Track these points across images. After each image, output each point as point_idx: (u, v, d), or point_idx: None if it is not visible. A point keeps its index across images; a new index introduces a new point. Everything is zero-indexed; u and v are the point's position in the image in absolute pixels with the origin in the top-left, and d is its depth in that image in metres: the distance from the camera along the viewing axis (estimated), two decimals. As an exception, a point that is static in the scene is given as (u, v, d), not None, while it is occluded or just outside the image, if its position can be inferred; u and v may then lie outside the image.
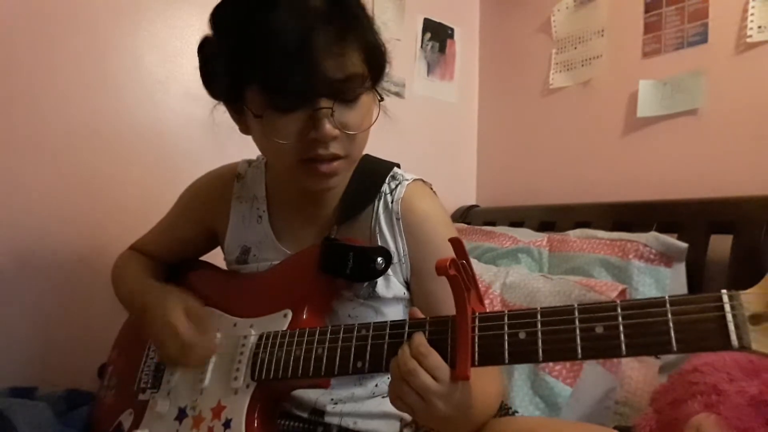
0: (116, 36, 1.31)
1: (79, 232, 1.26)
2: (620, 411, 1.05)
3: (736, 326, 0.44)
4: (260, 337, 0.71)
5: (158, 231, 0.97)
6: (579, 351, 0.50)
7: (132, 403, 0.80)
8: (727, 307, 0.44)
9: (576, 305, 0.51)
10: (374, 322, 0.62)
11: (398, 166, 0.84)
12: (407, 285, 0.79)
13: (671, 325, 0.46)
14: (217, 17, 0.70)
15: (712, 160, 1.33)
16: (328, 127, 0.65)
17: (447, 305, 0.60)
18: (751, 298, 0.44)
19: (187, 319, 0.73)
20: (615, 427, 0.97)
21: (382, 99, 0.73)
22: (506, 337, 0.54)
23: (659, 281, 1.16)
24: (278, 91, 0.65)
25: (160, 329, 0.74)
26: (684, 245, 1.16)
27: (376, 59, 0.70)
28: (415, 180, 0.81)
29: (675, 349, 0.46)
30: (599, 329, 0.49)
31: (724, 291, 0.45)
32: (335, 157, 0.69)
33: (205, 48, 0.72)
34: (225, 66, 0.68)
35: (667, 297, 0.47)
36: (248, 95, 0.67)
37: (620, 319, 0.49)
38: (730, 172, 1.29)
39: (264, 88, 0.65)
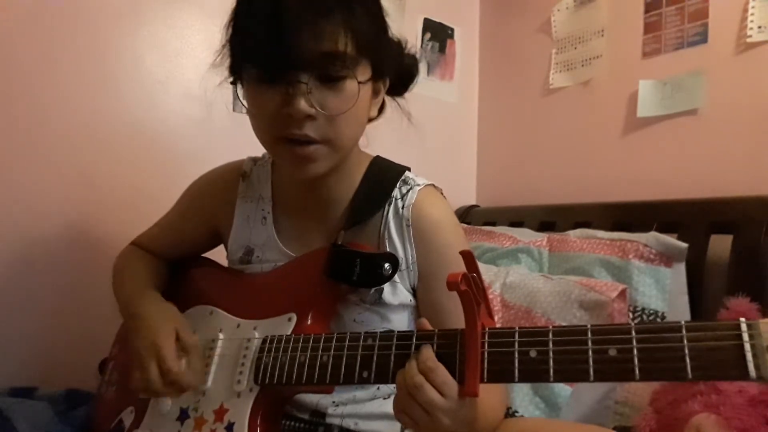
0: (116, 36, 1.30)
1: (78, 232, 1.26)
2: (620, 411, 1.05)
3: (754, 356, 0.43)
4: (264, 341, 0.70)
5: (161, 227, 0.96)
6: (591, 373, 0.49)
7: (133, 400, 0.80)
8: (746, 336, 0.43)
9: (589, 326, 0.50)
10: (381, 332, 0.62)
11: (409, 169, 0.82)
12: (414, 292, 0.78)
13: (687, 351, 0.45)
14: None
15: (712, 160, 1.33)
16: (302, 103, 0.63)
17: (454, 315, 0.59)
18: None
19: (176, 346, 0.71)
20: (615, 427, 0.97)
21: (380, 85, 0.72)
22: (517, 355, 0.53)
23: (659, 281, 1.16)
24: (253, 60, 0.64)
25: (145, 348, 0.71)
26: (684, 245, 1.16)
27: (370, 46, 0.67)
28: (426, 185, 0.79)
29: (690, 376, 0.45)
30: (612, 352, 0.48)
31: (742, 319, 0.44)
32: (309, 141, 0.67)
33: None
34: (226, 40, 0.69)
35: (683, 322, 0.46)
36: (243, 69, 0.67)
37: (634, 342, 0.48)
38: (730, 172, 1.29)
39: (243, 58, 0.65)
